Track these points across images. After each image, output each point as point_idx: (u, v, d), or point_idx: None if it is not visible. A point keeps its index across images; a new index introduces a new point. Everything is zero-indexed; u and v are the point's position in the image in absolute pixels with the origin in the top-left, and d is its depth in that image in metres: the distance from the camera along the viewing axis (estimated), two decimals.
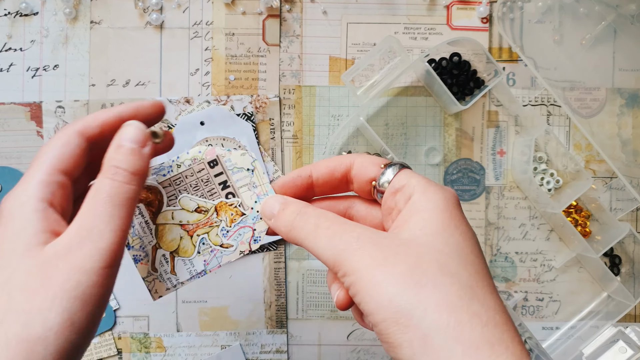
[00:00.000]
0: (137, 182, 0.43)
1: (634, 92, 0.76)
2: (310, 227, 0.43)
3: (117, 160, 0.42)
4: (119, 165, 0.42)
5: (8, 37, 0.74)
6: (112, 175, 0.42)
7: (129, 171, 0.42)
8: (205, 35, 0.75)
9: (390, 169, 0.45)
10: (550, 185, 0.74)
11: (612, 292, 0.75)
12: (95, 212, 0.40)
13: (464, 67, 0.73)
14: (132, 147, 0.43)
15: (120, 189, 0.41)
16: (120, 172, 0.42)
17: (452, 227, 0.41)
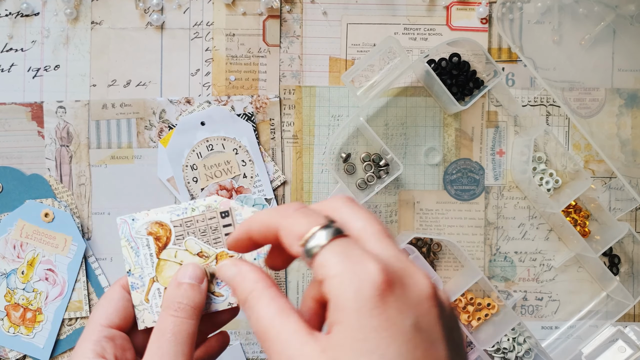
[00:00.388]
0: (196, 317, 0.44)
1: (633, 92, 0.76)
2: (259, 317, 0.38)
3: (178, 296, 0.45)
4: (181, 301, 0.44)
5: (9, 38, 0.74)
6: (174, 312, 0.44)
7: (190, 305, 0.44)
8: (206, 36, 0.75)
9: (325, 231, 0.34)
10: (550, 185, 0.74)
11: (611, 291, 0.75)
12: (162, 351, 0.42)
13: (464, 68, 0.74)
14: (191, 283, 0.46)
15: (182, 326, 0.43)
16: (182, 307, 0.44)
17: (367, 316, 0.31)
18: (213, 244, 0.50)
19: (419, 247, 0.75)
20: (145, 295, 0.50)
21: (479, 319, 0.74)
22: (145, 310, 0.50)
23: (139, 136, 0.74)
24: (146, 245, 0.50)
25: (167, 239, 0.50)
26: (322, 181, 0.75)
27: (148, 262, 0.50)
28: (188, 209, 0.50)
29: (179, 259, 0.50)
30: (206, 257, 0.50)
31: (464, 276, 0.73)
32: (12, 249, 0.72)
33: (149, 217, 0.50)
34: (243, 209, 0.50)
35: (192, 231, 0.50)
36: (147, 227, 0.50)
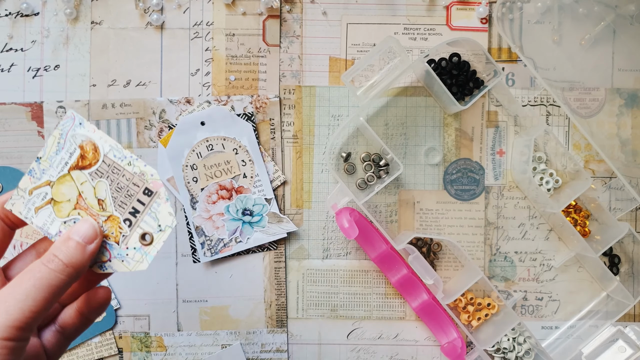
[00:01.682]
0: (68, 274, 0.45)
1: (633, 92, 0.76)
2: None
3: (58, 250, 0.45)
4: (57, 255, 0.45)
5: (9, 38, 0.74)
6: (47, 262, 0.44)
7: (63, 262, 0.45)
8: (206, 36, 0.75)
9: None
10: (550, 185, 0.74)
11: (611, 291, 0.75)
12: (13, 287, 0.43)
13: (464, 68, 0.74)
14: (77, 241, 0.46)
15: (48, 275, 0.44)
16: (56, 261, 0.45)
17: None
18: (116, 205, 0.49)
19: (419, 247, 0.75)
20: (33, 188, 0.49)
21: (479, 319, 0.74)
22: (21, 199, 0.49)
23: (139, 136, 0.74)
24: (70, 152, 0.49)
25: (89, 164, 0.49)
26: (322, 181, 0.75)
27: (58, 167, 0.49)
28: (126, 159, 0.49)
29: (81, 189, 0.49)
30: (102, 208, 0.49)
31: (464, 276, 0.73)
32: (12, 249, 0.72)
33: (93, 134, 0.49)
34: (165, 203, 0.48)
35: (112, 179, 0.48)
36: (84, 140, 0.49)
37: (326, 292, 0.76)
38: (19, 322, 0.41)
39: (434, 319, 0.74)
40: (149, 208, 0.48)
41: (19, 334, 0.42)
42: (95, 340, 0.74)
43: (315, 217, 0.76)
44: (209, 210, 0.74)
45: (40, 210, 0.50)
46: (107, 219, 0.49)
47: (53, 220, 0.50)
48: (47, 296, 0.43)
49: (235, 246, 0.74)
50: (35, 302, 0.42)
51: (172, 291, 0.75)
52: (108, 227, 0.49)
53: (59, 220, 0.49)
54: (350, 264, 0.76)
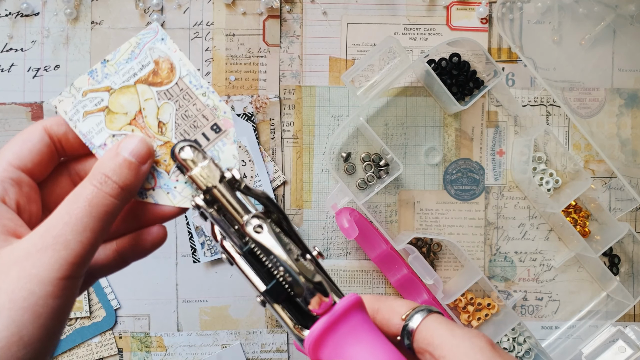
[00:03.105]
0: (122, 198, 0.39)
1: (633, 92, 0.76)
2: None
3: (109, 169, 0.39)
4: (110, 175, 0.39)
5: (9, 38, 0.74)
6: (98, 184, 0.38)
7: (118, 184, 0.39)
8: (206, 36, 0.75)
9: (417, 315, 0.39)
10: (550, 185, 0.74)
11: (611, 291, 0.75)
12: (68, 218, 0.37)
13: (464, 68, 0.74)
14: (129, 160, 0.40)
15: (103, 201, 0.38)
16: (109, 183, 0.38)
17: None
18: (178, 132, 0.44)
19: (419, 247, 0.75)
20: (88, 90, 0.44)
21: (479, 319, 0.74)
22: (71, 98, 0.44)
23: None
24: (142, 65, 0.45)
25: (160, 82, 0.45)
26: (322, 181, 0.75)
27: (125, 75, 0.45)
28: (202, 89, 0.45)
29: (143, 105, 0.44)
30: (161, 133, 0.44)
31: (464, 276, 0.73)
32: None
33: (174, 54, 0.45)
34: (231, 144, 0.44)
35: (181, 104, 0.45)
36: (162, 56, 0.45)
37: None
38: (79, 258, 0.36)
39: None
40: (213, 145, 0.44)
41: (79, 271, 0.37)
42: (95, 340, 0.74)
43: (315, 217, 0.76)
44: None
45: (89, 115, 0.44)
46: (162, 144, 0.44)
47: (101, 130, 0.44)
48: (104, 225, 0.38)
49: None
50: (93, 232, 0.37)
51: (172, 291, 0.75)
52: (162, 154, 0.44)
53: (108, 132, 0.44)
54: (350, 264, 0.76)
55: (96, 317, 0.74)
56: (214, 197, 0.42)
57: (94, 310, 0.74)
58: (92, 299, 0.74)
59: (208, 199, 0.42)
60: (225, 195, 0.42)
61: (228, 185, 0.42)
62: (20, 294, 0.34)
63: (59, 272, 0.35)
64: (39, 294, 0.35)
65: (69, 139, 0.42)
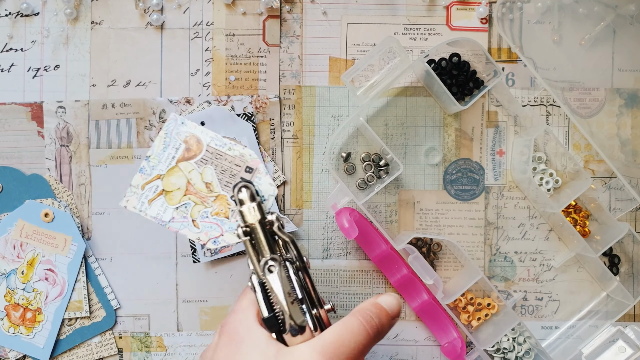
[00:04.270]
0: (373, 340, 0.49)
1: (633, 92, 0.76)
2: None
3: (375, 315, 0.49)
4: (374, 319, 0.49)
5: (9, 38, 0.74)
6: (364, 319, 0.49)
7: (376, 327, 0.49)
8: (206, 36, 0.75)
9: None
10: (550, 185, 0.74)
11: (611, 291, 0.75)
12: (333, 339, 0.48)
13: (464, 68, 0.74)
14: (391, 315, 0.51)
15: (361, 333, 0.48)
16: (373, 322, 0.48)
17: None
18: (222, 185, 0.54)
19: (419, 247, 0.75)
20: (145, 184, 0.55)
21: (479, 319, 0.74)
22: (134, 195, 0.55)
23: (139, 136, 0.74)
24: (176, 148, 0.55)
25: (194, 155, 0.55)
26: (322, 181, 0.75)
27: (167, 161, 0.55)
28: (227, 146, 0.55)
29: (189, 176, 0.55)
30: (210, 191, 0.54)
31: (464, 276, 0.73)
32: (12, 249, 0.72)
33: (195, 130, 0.55)
34: (265, 176, 0.55)
35: (216, 164, 0.54)
36: (187, 135, 0.55)
37: (326, 292, 0.76)
38: None
39: (434, 319, 0.74)
40: (253, 180, 0.55)
41: None
42: (95, 340, 0.74)
43: (315, 217, 0.76)
44: None
45: (153, 201, 0.55)
46: (215, 199, 0.54)
47: (166, 209, 0.55)
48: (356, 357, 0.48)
49: (235, 246, 0.74)
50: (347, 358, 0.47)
51: (172, 291, 0.75)
52: (217, 206, 0.54)
53: (172, 208, 0.55)
54: (350, 264, 0.76)
55: (96, 317, 0.74)
56: (252, 231, 0.54)
57: (94, 310, 0.74)
58: (92, 299, 0.74)
59: (248, 232, 0.54)
60: (259, 234, 0.54)
61: (263, 227, 0.55)
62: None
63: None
64: None
65: None
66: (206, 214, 0.54)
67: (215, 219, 0.54)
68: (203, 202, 0.54)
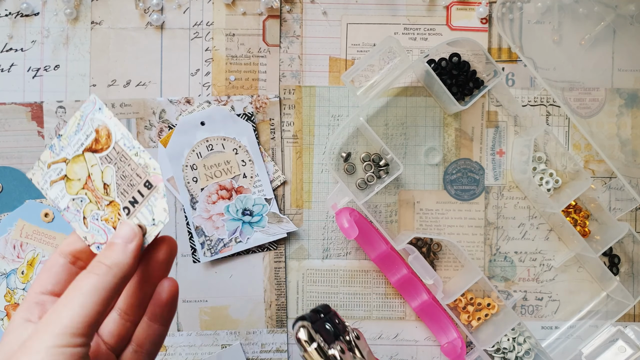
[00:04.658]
0: (114, 275, 0.46)
1: (633, 92, 0.76)
2: None
3: (101, 256, 0.47)
4: (101, 260, 0.47)
5: (9, 38, 0.74)
6: (91, 270, 0.46)
7: (106, 264, 0.46)
8: (206, 36, 0.75)
9: None
10: (550, 185, 0.74)
11: (611, 291, 0.75)
12: (65, 299, 0.45)
13: (464, 68, 0.74)
14: (117, 242, 0.48)
15: (94, 281, 0.45)
16: (100, 266, 0.46)
17: None
18: (119, 191, 0.50)
19: (419, 247, 0.75)
20: (51, 163, 0.52)
21: (479, 319, 0.74)
22: (40, 170, 0.53)
23: (139, 136, 0.74)
24: (87, 135, 0.51)
25: (101, 149, 0.51)
26: (322, 181, 0.75)
27: (75, 146, 0.51)
28: (134, 150, 0.50)
29: (91, 171, 0.51)
30: (106, 193, 0.51)
31: (464, 276, 0.73)
32: (12, 249, 0.72)
33: (109, 121, 0.50)
34: (161, 199, 0.49)
35: (119, 166, 0.50)
36: (100, 125, 0.51)
37: (326, 292, 0.76)
38: (71, 329, 0.43)
39: (434, 319, 0.75)
40: (147, 201, 0.50)
41: (73, 340, 0.43)
42: None
43: (315, 217, 0.76)
44: (209, 210, 0.74)
45: (54, 184, 0.52)
46: (109, 204, 0.50)
47: (64, 196, 0.52)
48: (97, 300, 0.45)
49: (235, 246, 0.74)
50: (84, 307, 0.44)
51: None
52: (109, 212, 0.51)
53: (69, 197, 0.52)
54: (350, 264, 0.76)
55: None
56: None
57: None
58: None
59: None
60: None
61: None
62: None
63: (52, 342, 0.43)
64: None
65: (80, 248, 0.51)
66: (97, 216, 0.51)
67: (104, 225, 0.51)
68: (97, 203, 0.51)
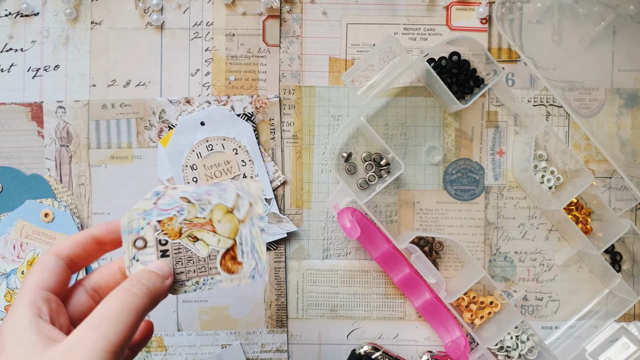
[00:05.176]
0: (151, 299, 0.46)
1: (633, 92, 0.76)
2: None
3: (139, 276, 0.47)
4: (140, 279, 0.46)
5: (9, 38, 0.74)
6: (130, 285, 0.45)
7: (147, 286, 0.46)
8: (206, 36, 0.75)
9: None
10: (551, 183, 0.74)
11: (613, 288, 0.75)
12: (104, 314, 0.43)
13: (464, 66, 0.74)
14: (157, 272, 0.49)
15: (133, 299, 0.45)
16: (140, 284, 0.46)
17: None
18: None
19: (421, 247, 0.75)
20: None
21: (482, 318, 0.74)
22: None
23: (139, 136, 0.74)
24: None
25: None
26: (322, 181, 0.75)
27: None
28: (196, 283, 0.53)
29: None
30: None
31: (467, 275, 0.73)
32: (12, 249, 0.72)
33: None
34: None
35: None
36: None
37: (326, 292, 0.76)
38: (115, 347, 0.42)
39: (437, 318, 0.74)
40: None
41: (115, 358, 0.42)
42: None
43: (315, 217, 0.75)
44: None
45: None
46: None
47: None
48: (134, 320, 0.44)
49: None
50: (126, 326, 0.43)
51: None
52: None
53: None
54: (350, 264, 0.76)
55: None
56: None
57: None
58: None
59: None
60: None
61: None
62: None
63: (99, 359, 0.41)
64: None
65: (78, 254, 0.50)
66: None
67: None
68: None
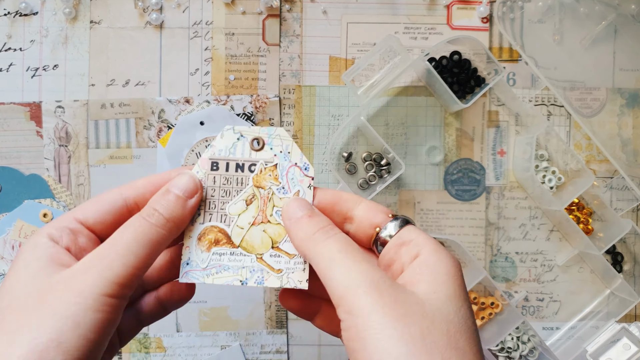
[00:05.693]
0: (169, 229, 0.43)
1: (634, 92, 0.76)
2: (332, 250, 0.41)
3: (158, 203, 0.43)
4: (158, 209, 0.43)
5: (8, 37, 0.74)
6: (146, 216, 0.42)
7: (164, 216, 0.43)
8: (205, 35, 0.75)
9: (396, 222, 0.44)
10: (552, 183, 0.74)
11: (615, 289, 0.75)
12: (114, 243, 0.41)
13: (465, 66, 0.73)
14: (177, 195, 0.44)
15: (148, 230, 0.42)
16: (156, 215, 0.43)
17: (462, 297, 0.40)
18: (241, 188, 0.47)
19: None
20: None
21: (483, 318, 0.74)
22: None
23: (138, 136, 0.74)
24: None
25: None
26: (322, 181, 0.75)
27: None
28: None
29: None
30: (251, 198, 0.47)
31: (468, 275, 0.73)
32: (10, 250, 0.72)
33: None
34: None
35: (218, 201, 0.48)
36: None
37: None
38: (121, 279, 0.40)
39: None
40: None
41: (121, 291, 0.40)
42: None
43: None
44: None
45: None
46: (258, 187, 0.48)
47: None
48: (148, 252, 0.42)
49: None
50: (137, 257, 0.41)
51: None
52: (268, 180, 0.48)
53: None
54: None
55: None
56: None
57: None
58: None
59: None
60: None
61: None
62: (62, 305, 0.38)
63: (101, 289, 0.39)
64: (80, 305, 0.38)
65: (146, 197, 0.46)
66: (281, 189, 0.48)
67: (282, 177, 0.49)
68: (264, 204, 0.48)
